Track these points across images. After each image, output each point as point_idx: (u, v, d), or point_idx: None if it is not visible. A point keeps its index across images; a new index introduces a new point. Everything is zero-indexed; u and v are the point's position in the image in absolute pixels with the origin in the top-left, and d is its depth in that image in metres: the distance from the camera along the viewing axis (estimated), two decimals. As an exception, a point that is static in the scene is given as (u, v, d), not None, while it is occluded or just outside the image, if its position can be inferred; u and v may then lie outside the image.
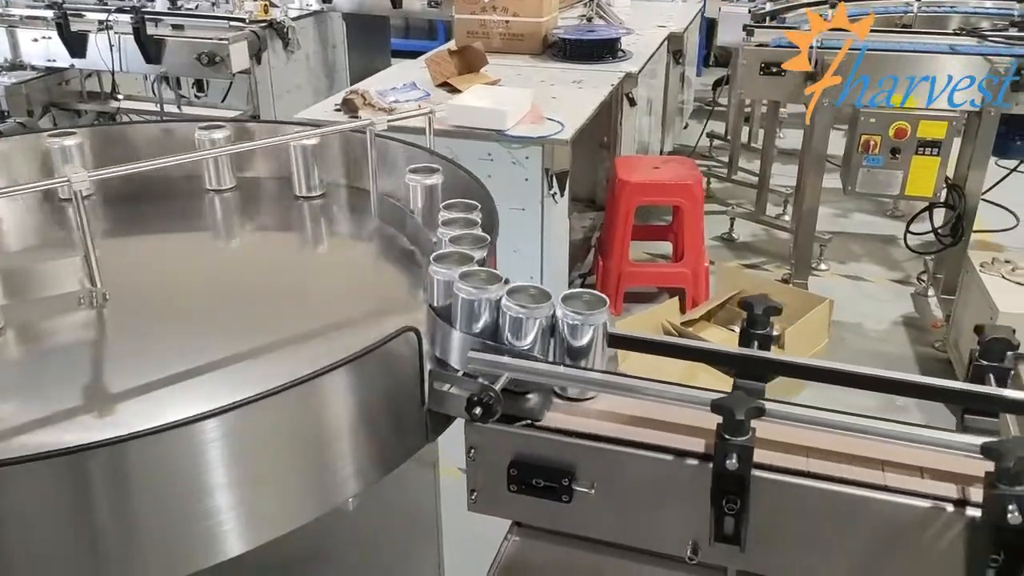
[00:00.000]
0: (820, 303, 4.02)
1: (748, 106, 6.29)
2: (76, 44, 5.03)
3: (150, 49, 4.89)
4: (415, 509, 1.88)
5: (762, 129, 5.93)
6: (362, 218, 1.76)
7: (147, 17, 4.92)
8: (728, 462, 1.01)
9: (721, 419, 1.02)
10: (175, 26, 5.04)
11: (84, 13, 5.06)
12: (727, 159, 6.14)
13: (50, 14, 5.02)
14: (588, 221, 5.17)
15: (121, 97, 5.60)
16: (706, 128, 6.29)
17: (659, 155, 5.58)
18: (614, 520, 1.14)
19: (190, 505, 1.04)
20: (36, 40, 5.15)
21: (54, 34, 5.03)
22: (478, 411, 1.10)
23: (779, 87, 4.23)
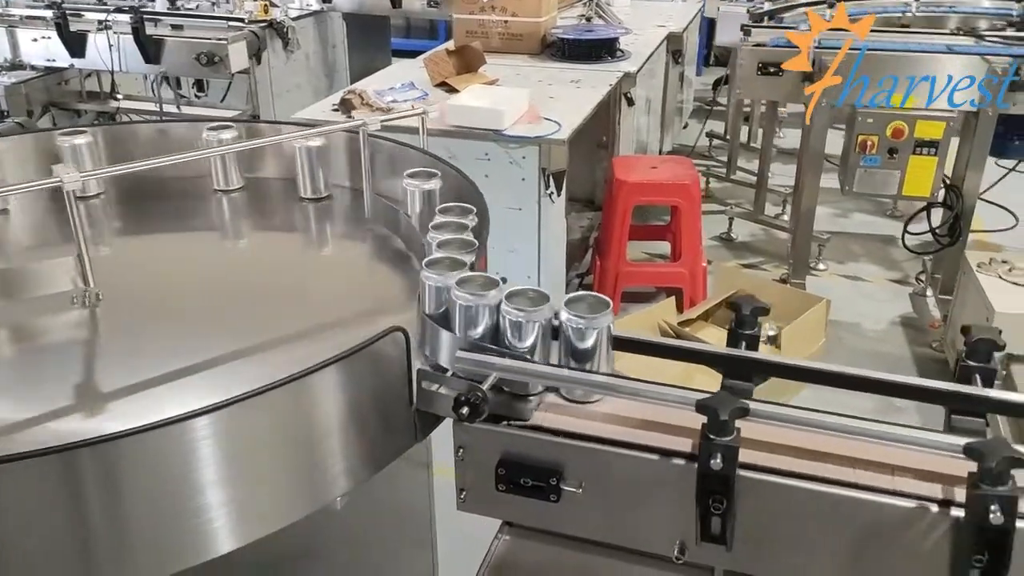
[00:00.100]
0: (817, 303, 4.02)
1: (747, 106, 6.29)
2: (75, 44, 5.05)
3: (149, 49, 4.91)
4: (406, 509, 1.88)
5: (761, 129, 5.93)
6: (361, 220, 1.77)
7: (146, 17, 4.94)
8: (713, 462, 1.01)
9: (706, 419, 1.03)
10: (174, 26, 5.06)
11: (83, 13, 5.08)
12: (726, 159, 6.15)
13: (49, 14, 5.03)
14: (586, 221, 5.18)
15: (120, 97, 5.61)
16: (705, 128, 6.29)
17: (657, 155, 5.58)
18: (602, 520, 1.14)
19: (180, 502, 1.05)
20: (36, 40, 5.16)
21: (54, 34, 5.04)
22: (465, 411, 1.10)
23: (777, 87, 4.23)
